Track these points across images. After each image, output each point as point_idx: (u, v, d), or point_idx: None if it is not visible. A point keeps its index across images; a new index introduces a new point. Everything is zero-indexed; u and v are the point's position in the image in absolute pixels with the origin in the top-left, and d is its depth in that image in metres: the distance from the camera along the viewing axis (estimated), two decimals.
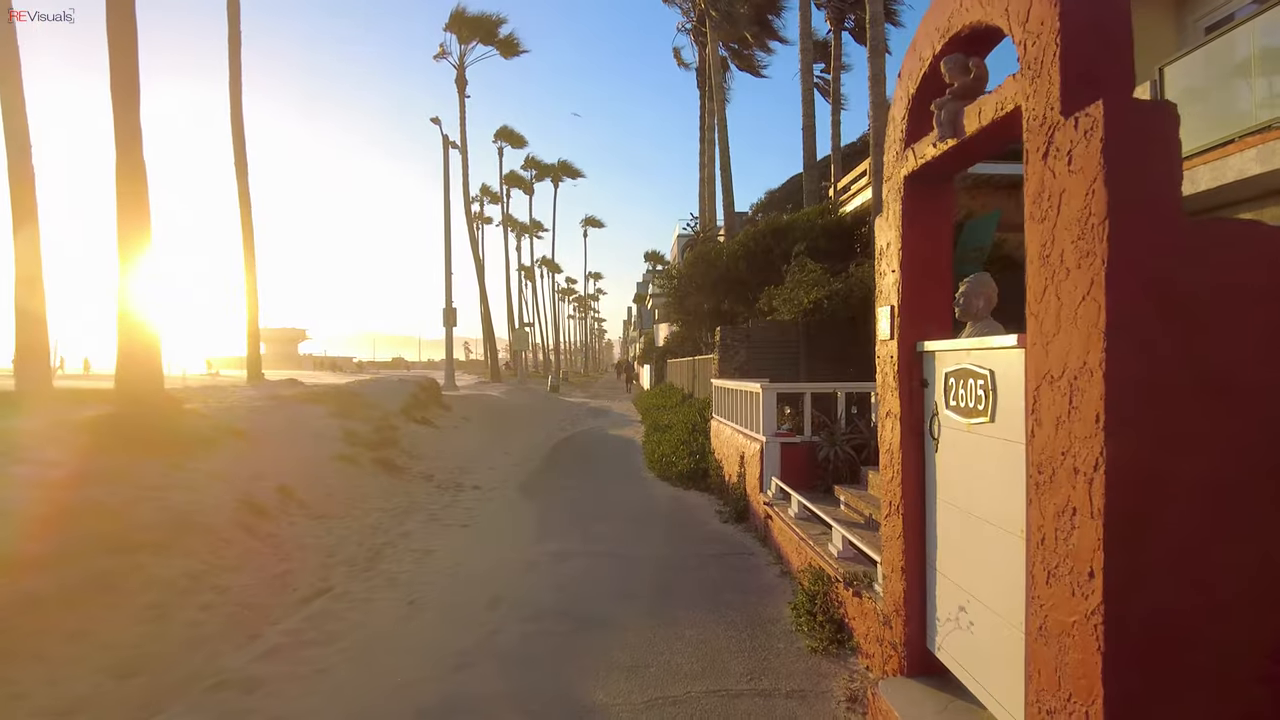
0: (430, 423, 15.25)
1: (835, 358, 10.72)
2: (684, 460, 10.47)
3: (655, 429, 14.52)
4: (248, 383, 18.25)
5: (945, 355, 3.24)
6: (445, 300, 25.25)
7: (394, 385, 17.34)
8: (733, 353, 10.81)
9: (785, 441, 7.07)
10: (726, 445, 9.08)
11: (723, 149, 20.14)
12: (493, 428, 17.05)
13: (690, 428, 12.16)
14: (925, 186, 3.52)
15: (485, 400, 21.16)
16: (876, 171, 13.35)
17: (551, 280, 78.08)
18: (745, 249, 14.85)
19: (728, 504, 8.31)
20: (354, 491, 9.06)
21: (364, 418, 13.24)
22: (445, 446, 13.51)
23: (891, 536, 3.60)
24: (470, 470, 11.61)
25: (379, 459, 10.93)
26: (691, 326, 17.26)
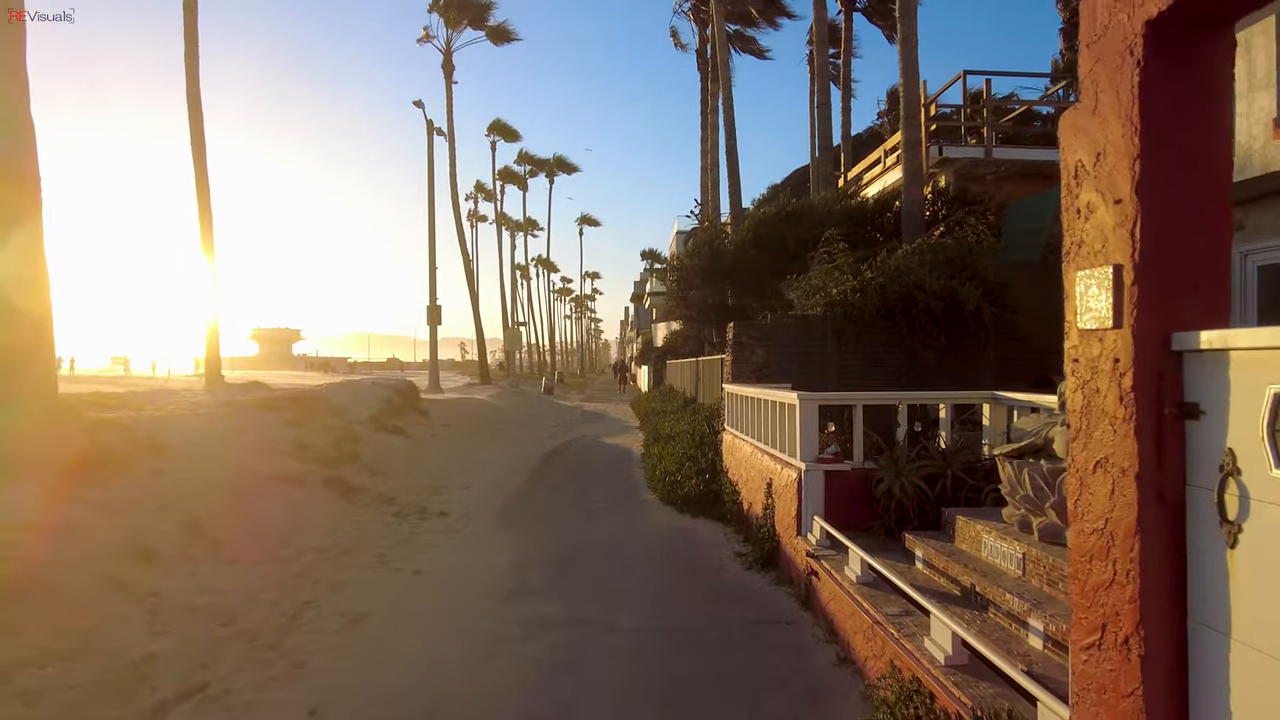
0: (403, 432, 13.58)
1: (870, 360, 9.08)
2: (691, 480, 8.83)
3: (656, 439, 12.87)
4: (206, 386, 16.57)
5: (1271, 360, 1.60)
6: (429, 297, 23.60)
7: (365, 389, 15.68)
8: (748, 353, 9.18)
9: (831, 469, 5.43)
10: (746, 466, 7.44)
11: (728, 131, 18.49)
12: (475, 436, 15.38)
13: (697, 440, 10.52)
14: (1189, 38, 1.87)
15: (470, 405, 19.49)
16: (911, 144, 11.74)
17: (547, 280, 76.48)
18: (757, 236, 13.21)
19: (750, 542, 6.67)
20: (290, 523, 7.40)
21: (323, 427, 11.58)
22: (416, 460, 11.85)
23: (1105, 684, 1.95)
24: (441, 490, 9.94)
25: (332, 478, 9.27)
26: (695, 324, 15.62)
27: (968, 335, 8.85)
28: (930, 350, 8.96)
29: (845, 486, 5.48)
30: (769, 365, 9.23)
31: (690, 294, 14.32)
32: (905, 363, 9.22)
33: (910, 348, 9.04)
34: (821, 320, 9.14)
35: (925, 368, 9.16)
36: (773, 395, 6.45)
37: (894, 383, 9.18)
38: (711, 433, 10.39)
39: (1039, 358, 9.51)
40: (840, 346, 9.15)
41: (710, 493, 8.43)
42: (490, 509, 8.86)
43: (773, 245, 13.05)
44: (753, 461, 7.14)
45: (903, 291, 8.64)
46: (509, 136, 52.21)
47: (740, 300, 13.46)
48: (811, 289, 9.38)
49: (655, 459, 10.95)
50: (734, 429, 8.49)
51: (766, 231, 13.14)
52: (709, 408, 13.16)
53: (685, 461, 9.71)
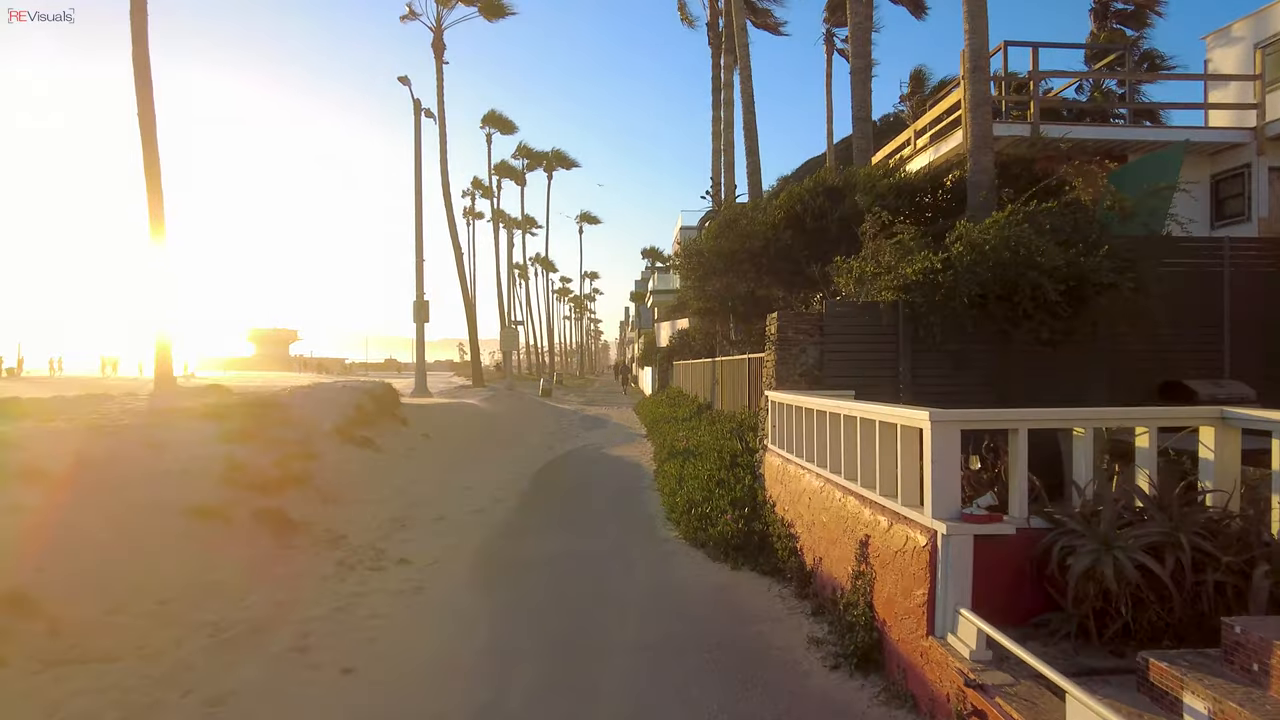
0: (372, 444, 11.57)
1: (953, 360, 7.10)
2: (726, 514, 6.84)
3: (671, 454, 10.87)
4: (154, 389, 14.57)
5: None
6: (416, 292, 21.58)
7: (335, 394, 13.66)
8: (796, 351, 7.19)
9: (986, 533, 3.43)
10: (813, 505, 5.44)
11: (746, 105, 16.51)
12: (460, 448, 13.37)
13: (727, 459, 8.51)
14: None
15: (457, 411, 17.47)
16: (978, 101, 9.75)
17: (546, 279, 74.52)
18: (790, 215, 11.20)
19: (830, 621, 4.67)
20: (185, 583, 5.39)
21: (272, 441, 9.57)
22: (384, 481, 9.84)
23: None
24: (408, 523, 7.94)
25: (266, 511, 7.26)
26: (714, 319, 13.60)
27: (1084, 327, 6.88)
28: (1035, 346, 6.99)
29: (1004, 557, 3.49)
30: (823, 366, 7.23)
31: (709, 285, 12.31)
32: (997, 363, 7.25)
33: (1007, 343, 7.07)
34: (892, 309, 7.15)
35: (1023, 370, 7.19)
36: (869, 411, 4.44)
37: (983, 389, 7.19)
38: (746, 451, 8.39)
39: (1161, 357, 7.55)
40: (915, 342, 7.16)
41: (752, 534, 6.42)
42: (466, 553, 6.85)
43: (810, 225, 11.06)
44: (824, 501, 5.14)
45: (1004, 269, 6.64)
46: (505, 129, 50.14)
47: (770, 290, 11.46)
48: (874, 270, 7.38)
49: (673, 481, 8.95)
50: (785, 450, 6.49)
51: (802, 210, 11.13)
52: (734, 418, 11.15)
53: (714, 488, 7.71)
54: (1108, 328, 7.09)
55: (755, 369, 10.47)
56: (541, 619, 5.02)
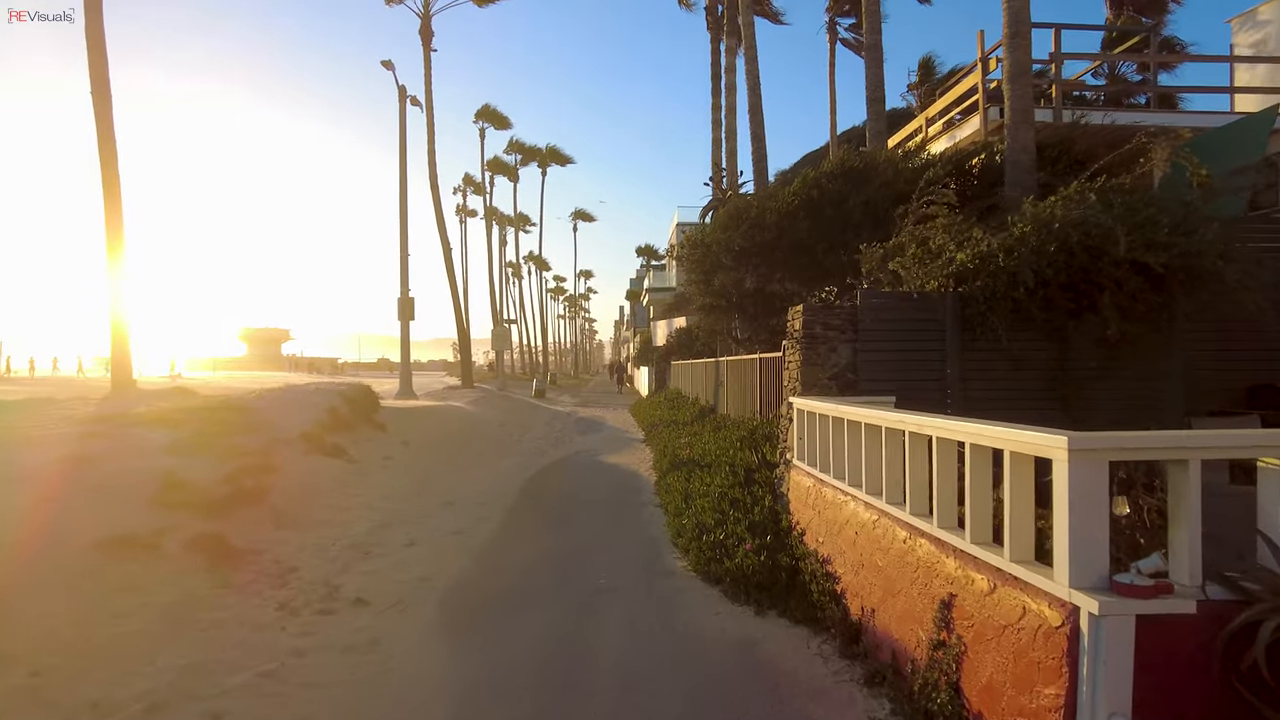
0: (344, 454, 10.48)
1: (1010, 361, 6.07)
2: (744, 543, 5.78)
3: (674, 464, 9.82)
4: (112, 389, 13.48)
5: None
6: (400, 288, 20.47)
7: (306, 397, 12.58)
8: (826, 349, 6.15)
9: (1153, 612, 2.38)
10: (864, 544, 4.38)
11: (752, 88, 15.48)
12: (442, 457, 12.28)
13: (741, 474, 7.46)
14: None
15: (443, 414, 16.38)
16: (1018, 72, 8.74)
17: (540, 277, 73.38)
18: (808, 201, 10.17)
19: (888, 696, 3.62)
20: (74, 643, 4.31)
21: (226, 452, 8.50)
22: (353, 497, 8.75)
23: None
24: (373, 550, 6.85)
25: (204, 538, 6.19)
26: (720, 315, 12.54)
27: (1162, 321, 5.86)
28: (1096, 344, 5.99)
29: (1177, 644, 2.45)
30: (857, 366, 6.19)
31: (714, 280, 11.25)
32: (1057, 363, 6.23)
33: (1065, 341, 6.07)
34: (939, 300, 6.12)
35: (1086, 372, 6.18)
36: (955, 430, 3.39)
37: (1045, 395, 6.17)
38: (763, 465, 7.34)
39: (1242, 355, 6.53)
40: (967, 339, 6.13)
41: (778, 569, 5.36)
42: (436, 588, 5.77)
43: (829, 213, 10.03)
44: (879, 538, 4.09)
45: (1074, 253, 5.62)
46: (499, 124, 49.08)
47: (781, 285, 10.42)
48: (920, 255, 6.34)
49: (678, 497, 7.90)
50: (817, 469, 5.43)
51: (819, 195, 10.10)
52: (743, 424, 10.09)
53: (727, 508, 6.66)
54: (1188, 321, 6.07)
55: (768, 371, 9.42)
56: (519, 697, 3.95)
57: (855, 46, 27.93)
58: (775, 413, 8.85)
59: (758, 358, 9.85)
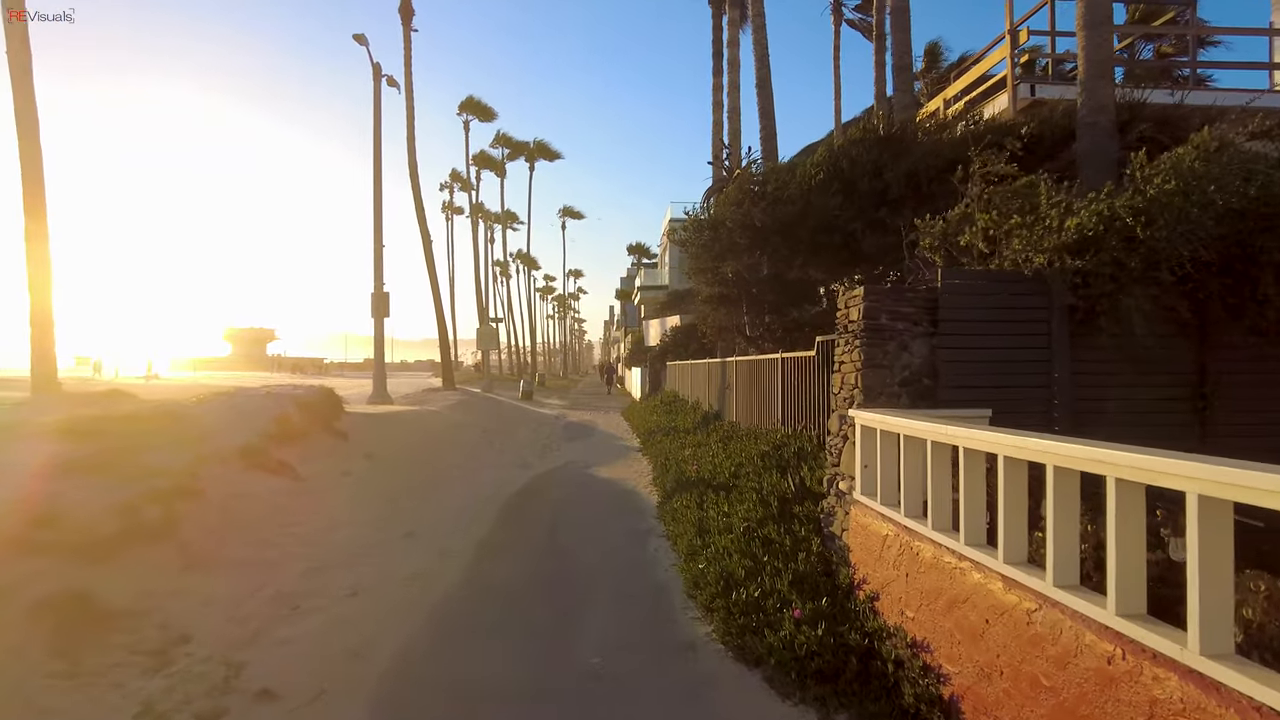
0: (289, 471, 8.90)
1: (1138, 364, 4.61)
2: (792, 607, 4.26)
3: (681, 483, 8.32)
4: (32, 394, 11.80)
5: None
6: (374, 282, 18.84)
7: (257, 403, 10.96)
8: (896, 346, 4.65)
9: None
10: (1002, 641, 2.87)
11: (759, 58, 14.00)
12: (411, 472, 10.70)
13: (773, 504, 5.92)
14: None
15: (417, 421, 14.78)
16: (1095, 19, 7.30)
17: (528, 276, 71.73)
18: (835, 173, 8.70)
19: None
20: None
21: (137, 472, 6.93)
22: (290, 527, 7.17)
23: None
24: (301, 607, 5.27)
25: (62, 597, 4.61)
26: (731, 308, 11.01)
27: None
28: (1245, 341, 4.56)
29: None
30: (936, 370, 4.70)
31: (724, 267, 9.73)
32: (1194, 367, 4.77)
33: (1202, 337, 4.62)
34: (1047, 280, 4.64)
35: (1238, 379, 4.72)
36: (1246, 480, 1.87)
37: (1183, 407, 4.71)
38: (803, 495, 5.80)
39: None
40: (1079, 331, 4.65)
41: (845, 649, 3.83)
42: (373, 669, 4.23)
43: (863, 186, 8.56)
44: (1051, 643, 2.57)
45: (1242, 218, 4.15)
46: (484, 115, 47.40)
47: (806, 271, 8.93)
48: (1017, 224, 4.85)
49: (690, 527, 6.39)
50: (903, 514, 3.91)
51: (851, 166, 8.62)
52: (763, 437, 8.58)
53: (758, 551, 5.15)
54: None
55: (797, 374, 7.92)
56: None
57: (863, 29, 26.58)
58: (807, 426, 7.35)
59: (780, 357, 8.35)
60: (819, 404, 6.96)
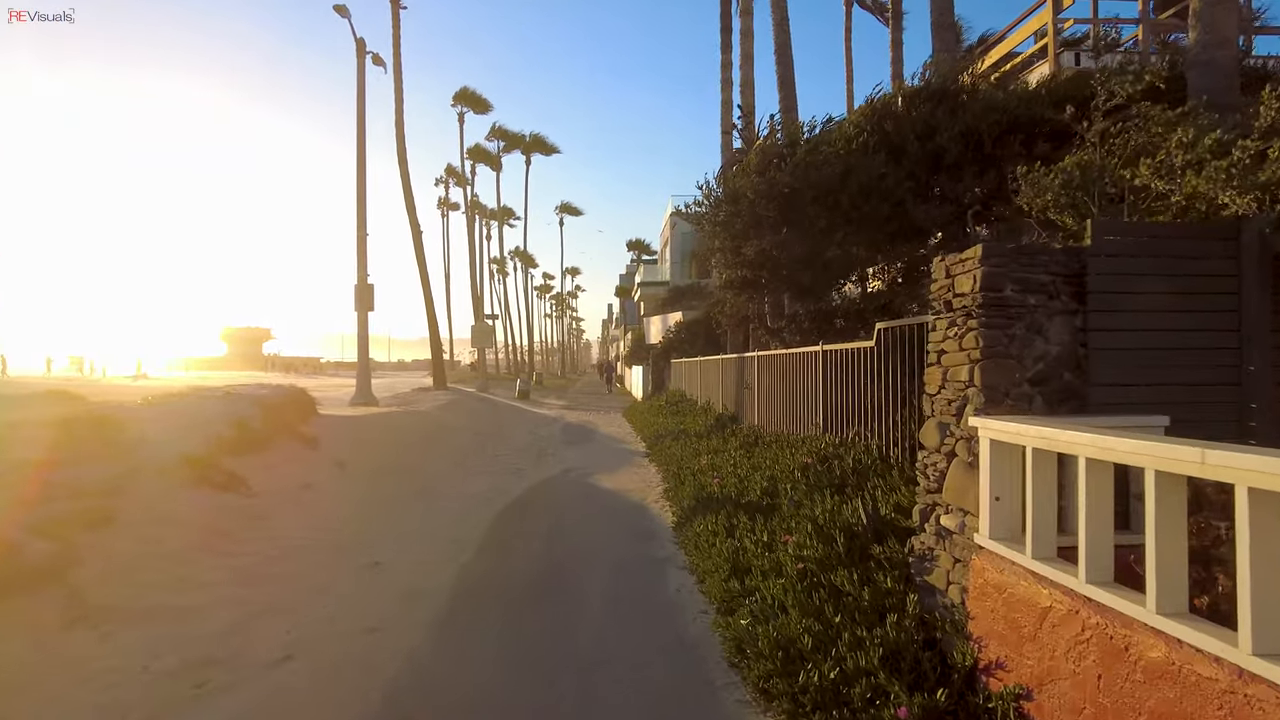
0: (240, 485, 7.55)
1: None
2: (895, 704, 2.93)
3: (701, 500, 7.01)
4: None
5: None
6: (357, 274, 17.49)
7: (212, 405, 9.62)
8: (1025, 328, 3.37)
9: None
10: None
11: (778, 22, 12.65)
12: (387, 481, 9.35)
13: (838, 540, 4.52)
14: None
15: (400, 423, 13.43)
16: None
17: (525, 274, 70.33)
18: (880, 134, 7.39)
19: None
20: None
21: (40, 491, 5.62)
22: (224, 560, 5.81)
23: None
24: (209, 684, 3.91)
25: None
26: (754, 294, 9.65)
27: None
28: None
29: None
30: (1083, 361, 3.37)
31: (747, 244, 8.39)
32: None
33: None
34: (1228, 238, 3.31)
35: None
36: None
37: None
38: (879, 527, 4.43)
39: None
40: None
41: None
42: None
43: (912, 149, 7.24)
44: None
45: None
46: (479, 107, 46.00)
47: (846, 247, 7.61)
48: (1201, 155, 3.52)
49: (722, 562, 5.06)
50: (1083, 577, 2.56)
51: (896, 127, 7.32)
52: (800, 445, 7.23)
53: (826, 607, 3.82)
54: None
55: (844, 369, 6.58)
56: None
57: (876, 10, 25.32)
58: (862, 434, 6.02)
59: (819, 350, 7.01)
60: (881, 406, 5.64)
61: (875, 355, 5.61)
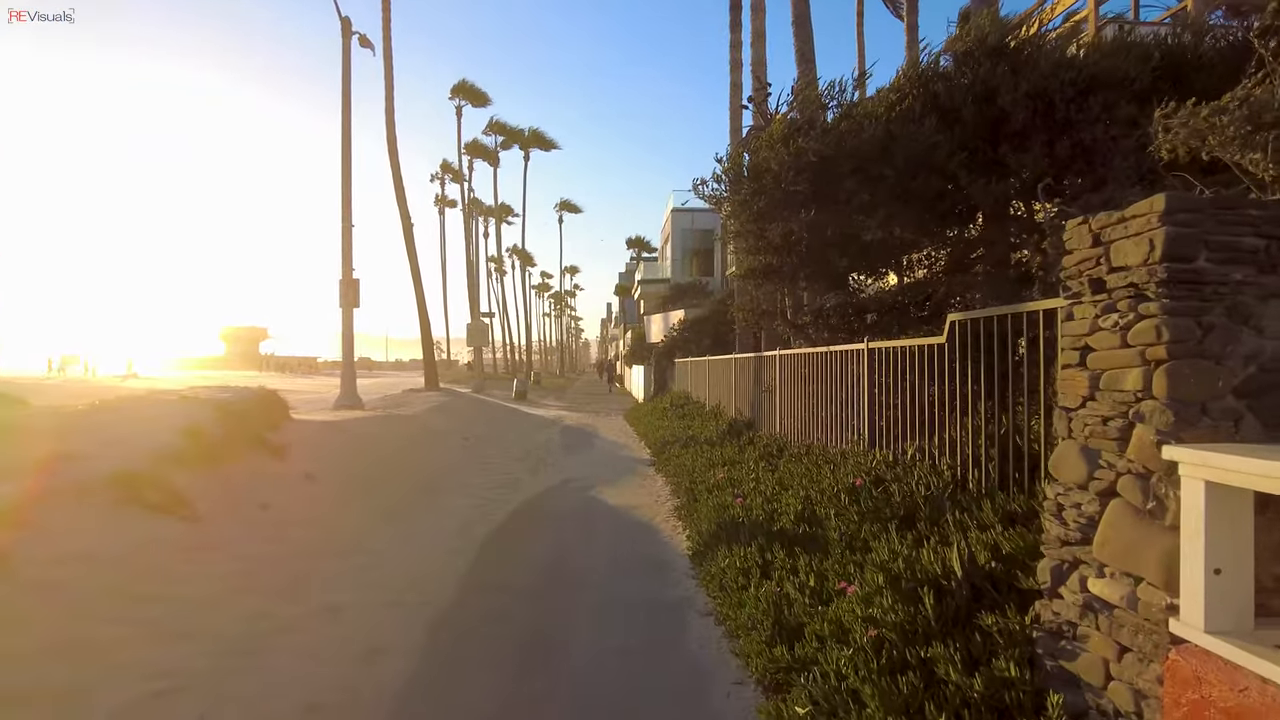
0: (180, 506, 6.47)
1: None
2: None
3: (724, 525, 5.95)
4: None
5: None
6: (342, 268, 16.41)
7: (163, 411, 8.55)
8: (1226, 314, 2.37)
9: None
10: None
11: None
12: (360, 497, 8.28)
13: (926, 602, 3.45)
14: None
15: (383, 429, 12.36)
16: None
17: (524, 273, 69.29)
18: (929, 98, 6.36)
19: None
20: None
21: None
22: (138, 608, 4.71)
23: None
24: None
25: None
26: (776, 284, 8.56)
27: None
28: None
29: None
30: None
31: (772, 226, 7.33)
32: None
33: None
34: None
35: None
36: None
37: None
38: (979, 582, 3.36)
39: None
40: None
41: None
42: None
43: (967, 115, 6.21)
44: None
45: None
46: (477, 100, 44.93)
47: (889, 229, 6.56)
48: None
49: (761, 616, 3.99)
50: None
51: (948, 89, 6.28)
52: (841, 461, 6.15)
53: (921, 699, 2.76)
54: None
55: (899, 371, 5.51)
56: None
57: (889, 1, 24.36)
58: (931, 452, 4.95)
59: (864, 348, 5.93)
60: (954, 416, 4.57)
61: (945, 354, 4.55)
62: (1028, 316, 3.86)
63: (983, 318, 4.26)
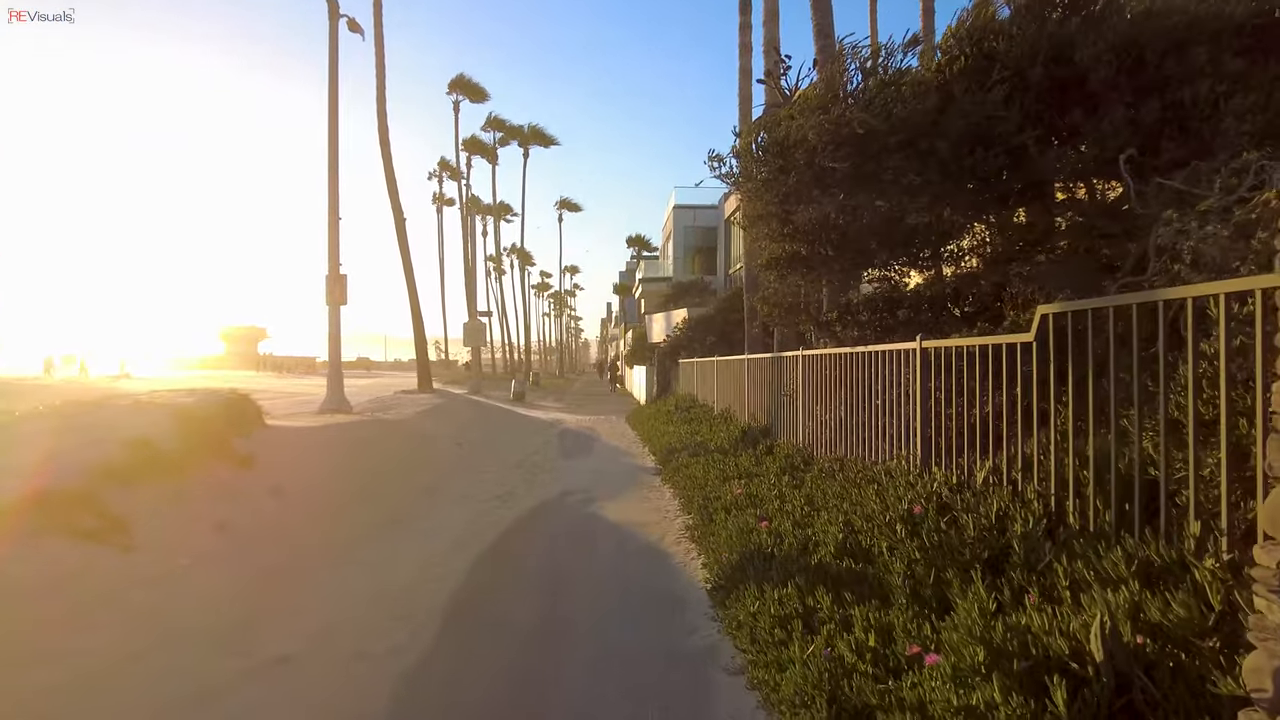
0: (119, 532, 5.58)
1: None
2: None
3: (749, 555, 5.06)
4: None
5: None
6: (329, 263, 15.50)
7: (117, 417, 7.66)
8: None
9: None
10: None
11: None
12: (333, 514, 7.39)
13: (1059, 700, 2.57)
14: None
15: (367, 434, 11.47)
16: None
17: (523, 272, 68.39)
18: (987, 57, 5.47)
19: None
20: None
21: None
22: (22, 675, 3.84)
23: None
24: None
25: None
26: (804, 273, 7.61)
27: None
28: None
29: None
30: None
31: (796, 213, 6.43)
32: None
33: None
34: None
35: None
36: None
37: None
38: (1121, 668, 2.48)
39: None
40: None
41: None
42: None
43: (1035, 77, 5.35)
44: None
45: None
46: (475, 95, 44.00)
47: (937, 211, 5.67)
48: None
49: (812, 690, 3.10)
50: None
51: (1010, 46, 5.40)
52: (882, 479, 5.24)
53: None
54: None
55: (960, 376, 4.60)
56: None
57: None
58: (1012, 475, 4.04)
59: (916, 347, 5.01)
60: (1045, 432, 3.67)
61: (1033, 357, 3.66)
62: (1157, 307, 2.95)
63: (1086, 309, 3.36)
